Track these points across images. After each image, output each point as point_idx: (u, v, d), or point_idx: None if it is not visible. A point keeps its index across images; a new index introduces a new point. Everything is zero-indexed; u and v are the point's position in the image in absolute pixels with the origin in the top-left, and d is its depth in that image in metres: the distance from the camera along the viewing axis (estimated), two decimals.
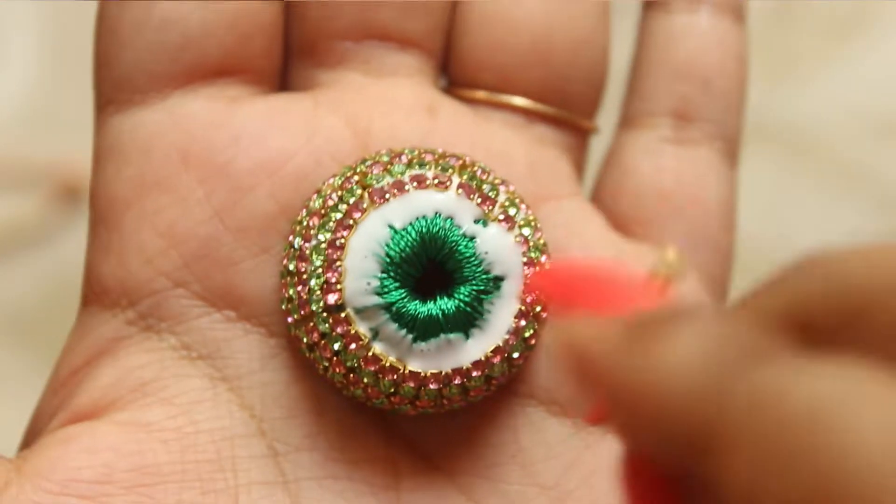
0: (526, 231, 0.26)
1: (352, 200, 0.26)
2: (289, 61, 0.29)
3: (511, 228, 0.26)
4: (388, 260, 0.25)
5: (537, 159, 0.28)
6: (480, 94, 0.29)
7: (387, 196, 0.26)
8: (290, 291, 0.26)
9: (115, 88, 0.27)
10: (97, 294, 0.27)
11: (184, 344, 0.26)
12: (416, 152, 0.26)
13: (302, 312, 0.26)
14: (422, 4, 0.28)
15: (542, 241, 0.27)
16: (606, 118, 0.31)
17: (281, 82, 0.29)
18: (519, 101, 0.28)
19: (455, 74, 0.29)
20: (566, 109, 0.29)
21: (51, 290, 0.58)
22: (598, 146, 0.31)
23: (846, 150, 0.55)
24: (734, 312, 0.18)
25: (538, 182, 0.28)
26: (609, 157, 0.30)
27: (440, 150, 0.27)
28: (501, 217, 0.26)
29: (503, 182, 0.27)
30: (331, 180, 0.26)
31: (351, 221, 0.26)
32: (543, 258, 0.26)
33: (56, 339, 0.58)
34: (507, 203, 0.26)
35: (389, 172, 0.26)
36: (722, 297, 0.29)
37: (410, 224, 0.26)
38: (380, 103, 0.28)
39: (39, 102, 0.61)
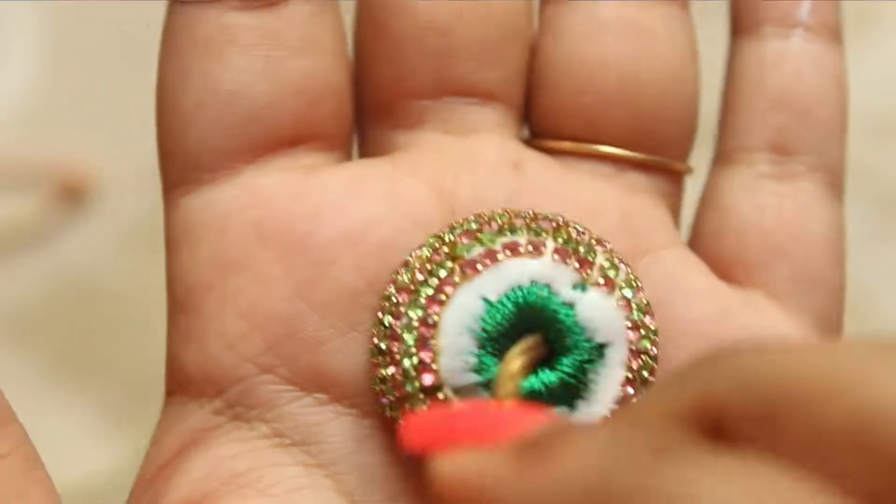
0: (627, 292, 0.25)
1: (442, 274, 0.24)
2: (362, 123, 0.28)
3: (611, 291, 0.25)
4: (484, 335, 0.24)
5: (631, 210, 0.27)
6: (566, 145, 0.27)
7: (478, 267, 0.24)
8: (383, 372, 0.24)
9: (182, 169, 0.27)
10: (181, 384, 0.26)
11: (275, 431, 0.25)
12: (507, 217, 0.25)
13: (397, 394, 0.24)
14: (498, 53, 0.27)
15: (644, 301, 0.25)
16: (697, 154, 0.29)
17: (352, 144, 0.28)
18: (607, 148, 0.27)
19: (537, 124, 0.28)
20: (657, 153, 0.27)
21: (51, 290, 0.58)
22: (692, 184, 0.29)
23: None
24: (639, 410, 0.17)
25: (634, 235, 0.27)
26: (705, 197, 0.29)
27: (531, 213, 0.25)
28: (601, 280, 0.25)
29: (599, 241, 0.25)
30: (418, 251, 0.25)
31: (443, 297, 0.24)
32: (647, 319, 0.25)
33: (56, 339, 0.58)
34: (605, 264, 0.25)
35: (479, 241, 0.25)
36: (837, 336, 0.28)
37: (506, 295, 0.24)
38: (462, 162, 0.26)
39: (39, 102, 0.61)
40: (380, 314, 0.25)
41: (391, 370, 0.24)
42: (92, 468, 0.55)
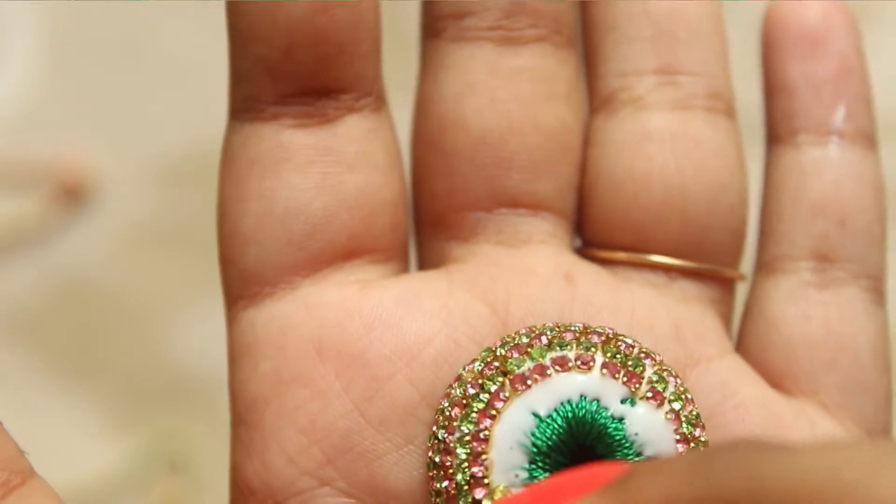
0: (676, 405, 0.25)
1: (493, 388, 0.25)
2: (419, 235, 0.28)
3: (660, 405, 0.25)
4: (534, 450, 0.25)
5: (683, 320, 0.27)
6: (618, 255, 0.28)
7: (529, 382, 0.25)
8: (438, 485, 0.25)
9: (243, 284, 0.27)
10: (244, 495, 0.26)
11: None
12: (557, 331, 0.25)
13: None
14: (548, 164, 0.27)
15: (694, 413, 0.25)
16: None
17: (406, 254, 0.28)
18: (658, 258, 0.27)
19: (589, 235, 0.28)
20: (708, 261, 0.28)
21: (50, 290, 0.58)
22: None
23: None
24: (646, 488, 0.18)
25: (686, 345, 0.27)
26: (750, 305, 0.29)
27: (581, 326, 0.26)
28: (649, 394, 0.25)
29: (648, 354, 0.26)
30: (471, 366, 0.25)
31: (494, 411, 0.25)
32: (697, 431, 0.25)
33: (56, 338, 0.58)
34: (654, 378, 0.25)
35: (529, 356, 0.25)
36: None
37: (555, 410, 0.25)
38: (516, 275, 0.27)
39: (39, 102, 0.61)
40: (434, 428, 0.25)
41: (445, 484, 0.25)
42: (91, 468, 0.55)
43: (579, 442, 0.25)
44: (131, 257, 0.59)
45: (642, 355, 0.25)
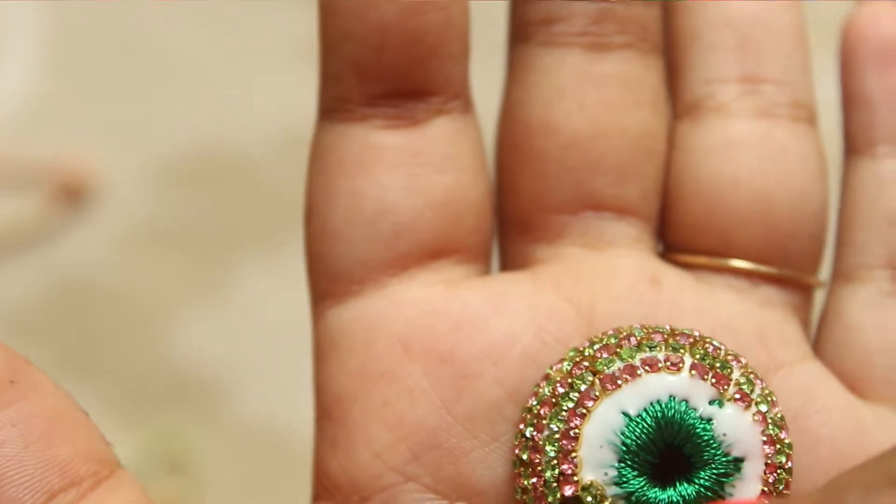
0: (763, 407, 0.25)
1: (583, 388, 0.25)
2: (504, 237, 0.29)
3: (748, 407, 0.25)
4: (624, 448, 0.25)
5: (765, 325, 0.27)
6: (701, 259, 0.28)
7: (619, 382, 0.25)
8: (525, 482, 0.25)
9: (331, 281, 0.27)
10: (328, 490, 0.27)
11: None
12: (645, 332, 0.26)
13: None
14: (634, 169, 0.28)
15: (779, 416, 0.26)
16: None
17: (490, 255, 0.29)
18: (740, 263, 0.28)
19: (672, 239, 0.28)
20: (789, 267, 0.28)
21: (51, 290, 0.58)
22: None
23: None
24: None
25: (768, 350, 0.27)
26: (827, 312, 0.29)
27: (668, 328, 0.26)
28: (737, 396, 0.25)
29: (735, 357, 0.26)
30: (559, 365, 0.26)
31: (584, 410, 0.25)
32: (783, 434, 0.26)
33: (56, 338, 0.58)
34: (741, 380, 0.26)
35: (619, 356, 0.25)
36: None
37: (645, 410, 0.25)
38: (601, 278, 0.27)
39: (39, 102, 0.61)
40: (522, 426, 0.26)
41: (533, 480, 0.25)
42: None
43: (668, 441, 0.25)
44: (131, 257, 0.59)
45: (729, 357, 0.26)
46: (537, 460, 0.25)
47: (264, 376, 0.59)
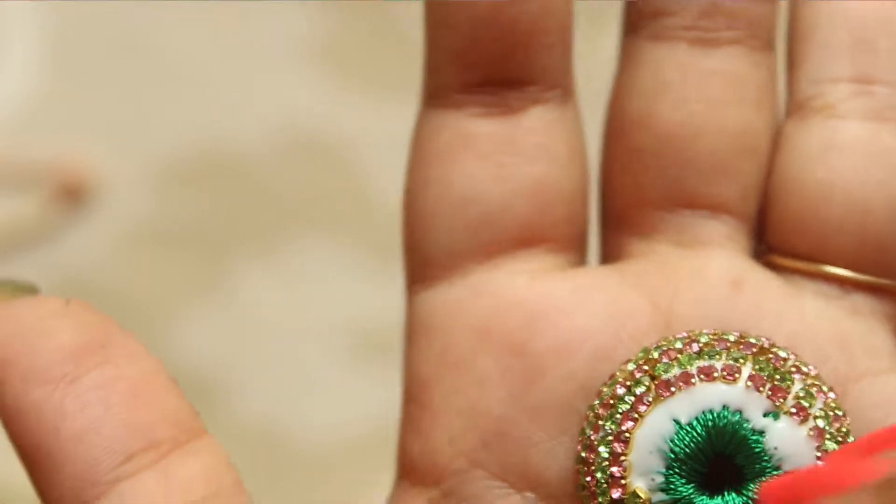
0: (821, 423, 0.25)
1: (639, 391, 0.25)
2: (602, 228, 0.29)
3: (804, 421, 0.25)
4: (672, 456, 0.25)
5: (850, 333, 0.27)
6: (795, 263, 0.27)
7: (672, 389, 0.25)
8: (582, 480, 0.26)
9: (420, 266, 0.28)
10: (407, 470, 0.27)
11: None
12: (712, 338, 0.26)
13: (592, 503, 0.25)
14: (731, 167, 0.27)
15: (843, 430, 0.25)
16: None
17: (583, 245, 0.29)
18: (834, 269, 0.27)
19: (769, 240, 0.28)
20: (886, 275, 0.27)
21: (50, 290, 0.58)
22: None
23: None
24: None
25: (850, 359, 0.27)
26: None
27: (737, 335, 0.26)
28: (794, 409, 0.25)
29: (800, 369, 0.26)
30: (625, 366, 0.26)
31: (636, 414, 0.25)
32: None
33: None
34: (801, 393, 0.25)
35: (678, 362, 0.25)
36: None
37: (696, 419, 0.25)
38: (685, 277, 0.27)
39: (39, 102, 0.61)
40: (584, 423, 0.26)
41: (587, 479, 0.25)
42: None
43: (718, 451, 0.25)
44: (131, 257, 0.59)
45: (793, 369, 0.26)
46: (591, 459, 0.25)
47: (264, 376, 0.59)
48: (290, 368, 0.59)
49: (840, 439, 0.25)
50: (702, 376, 0.25)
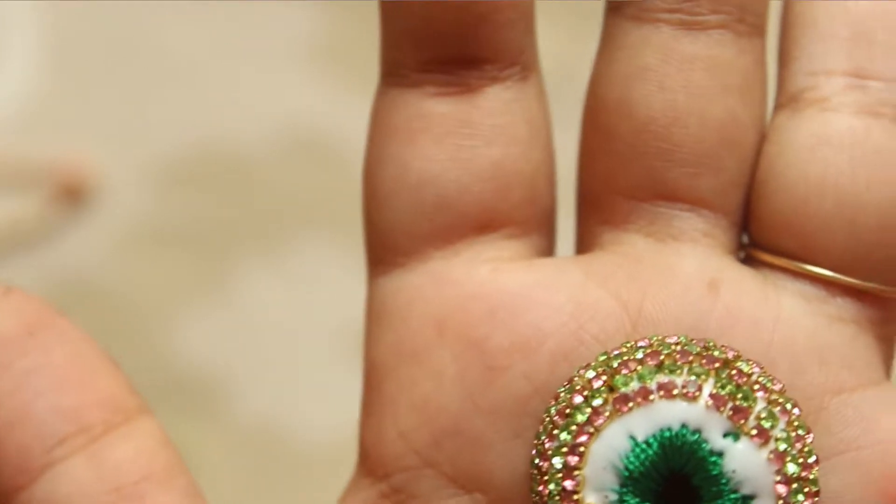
0: (782, 445, 0.24)
1: (596, 403, 0.24)
2: (577, 214, 0.28)
3: (764, 444, 0.24)
4: (626, 473, 0.24)
5: (830, 344, 0.26)
6: (779, 261, 0.26)
7: (630, 404, 0.24)
8: (534, 488, 0.25)
9: (379, 249, 0.27)
10: (362, 456, 0.27)
11: None
12: (671, 350, 0.25)
13: None
14: (713, 160, 0.26)
15: (806, 450, 0.24)
16: None
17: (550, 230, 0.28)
18: (820, 270, 0.26)
19: (754, 235, 0.27)
20: (874, 279, 0.26)
21: (50, 290, 0.58)
22: None
23: None
24: None
25: (828, 370, 0.25)
26: None
27: (700, 346, 0.25)
28: (754, 431, 0.24)
29: (764, 386, 0.25)
30: (584, 371, 0.25)
31: (592, 428, 0.24)
32: (805, 472, 0.24)
33: None
34: (763, 414, 0.24)
35: (638, 375, 0.24)
36: None
37: (653, 436, 0.24)
38: (657, 275, 0.26)
39: (39, 102, 0.61)
40: (540, 427, 0.25)
41: (539, 489, 0.25)
42: None
43: (674, 470, 0.24)
44: (131, 257, 0.59)
45: (756, 386, 0.25)
46: (545, 468, 0.25)
47: (264, 376, 0.59)
48: (290, 368, 0.59)
49: (801, 460, 0.24)
50: (661, 392, 0.24)
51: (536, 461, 0.25)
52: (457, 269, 0.26)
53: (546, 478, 0.25)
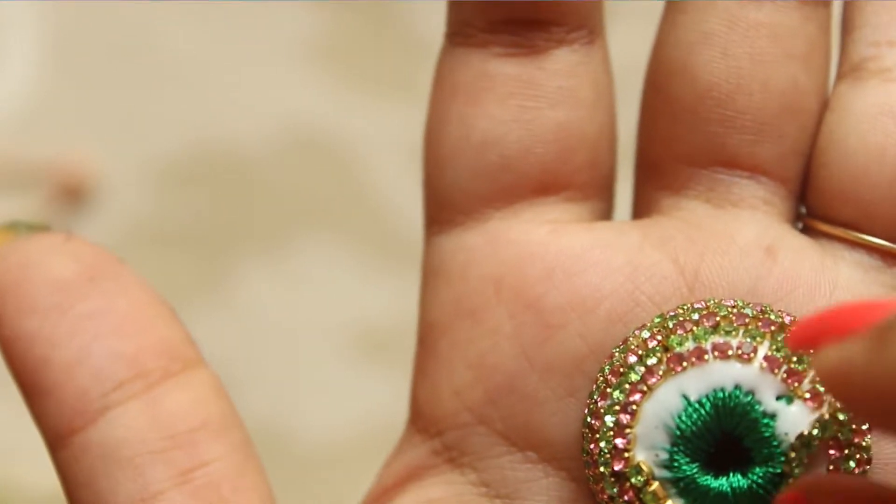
0: (839, 413, 0.24)
1: (650, 362, 0.25)
2: (636, 179, 0.28)
3: (818, 407, 0.24)
4: (678, 433, 0.24)
5: None
6: (836, 230, 0.26)
7: (684, 364, 0.24)
8: (586, 446, 0.25)
9: (438, 208, 0.27)
10: (414, 415, 0.27)
11: (483, 481, 0.26)
12: (728, 311, 0.25)
13: (593, 471, 0.25)
14: (774, 127, 0.26)
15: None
16: None
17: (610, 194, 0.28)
18: (876, 240, 0.26)
19: (811, 204, 0.27)
20: None
21: None
22: None
23: None
24: None
25: None
26: None
27: (757, 310, 0.25)
28: (808, 395, 0.24)
29: None
30: (639, 332, 0.25)
31: (645, 387, 0.25)
32: (857, 438, 0.24)
33: None
34: (818, 378, 0.24)
35: (693, 335, 0.25)
36: None
37: (706, 396, 0.24)
38: (715, 240, 0.26)
39: (39, 102, 0.61)
40: (593, 387, 0.25)
41: (591, 447, 0.25)
42: None
43: (726, 430, 0.24)
44: (131, 257, 0.59)
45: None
46: (597, 427, 0.25)
47: (264, 376, 0.59)
48: (290, 368, 0.59)
49: (854, 426, 0.24)
50: (716, 353, 0.24)
51: (588, 420, 0.25)
52: (516, 229, 0.26)
53: (597, 436, 0.25)
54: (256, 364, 0.59)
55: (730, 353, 0.24)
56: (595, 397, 0.25)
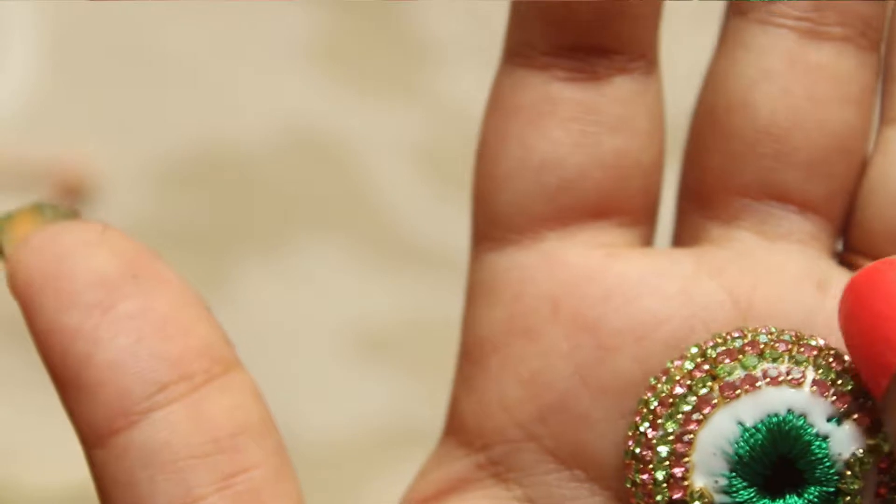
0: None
1: (702, 392, 0.25)
2: (680, 208, 0.28)
3: (868, 427, 0.25)
4: (736, 458, 0.25)
5: None
6: None
7: (738, 392, 0.25)
8: (636, 476, 0.25)
9: (490, 225, 0.27)
10: (456, 428, 0.27)
11: (529, 497, 0.26)
12: (769, 338, 0.26)
13: (646, 501, 0.25)
14: (826, 165, 0.27)
15: None
16: None
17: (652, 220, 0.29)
18: None
19: (852, 240, 0.28)
20: None
21: None
22: None
23: None
24: None
25: None
26: None
27: (793, 335, 0.26)
28: (857, 416, 0.25)
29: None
30: (679, 363, 0.26)
31: (700, 416, 0.25)
32: None
33: None
34: (864, 396, 0.25)
35: (742, 364, 0.25)
36: None
37: (761, 422, 0.25)
38: (767, 271, 0.26)
39: (39, 102, 0.61)
40: (637, 418, 0.26)
41: (643, 477, 0.25)
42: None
43: (781, 454, 0.25)
44: None
45: (853, 372, 0.25)
46: (649, 457, 0.25)
47: (264, 376, 0.59)
48: (290, 368, 0.59)
49: None
50: (767, 380, 0.25)
51: (636, 450, 0.25)
52: (571, 251, 0.27)
53: (650, 466, 0.25)
54: (256, 364, 0.59)
55: (780, 378, 0.25)
56: (642, 428, 0.25)
